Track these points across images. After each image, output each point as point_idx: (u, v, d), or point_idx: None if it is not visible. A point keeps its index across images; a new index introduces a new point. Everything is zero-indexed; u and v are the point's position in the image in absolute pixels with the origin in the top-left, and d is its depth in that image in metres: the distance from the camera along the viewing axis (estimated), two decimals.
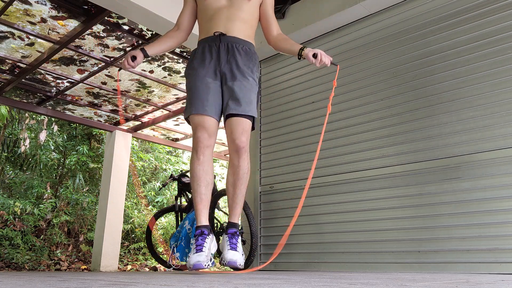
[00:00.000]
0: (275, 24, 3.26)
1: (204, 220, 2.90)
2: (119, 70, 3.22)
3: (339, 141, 4.27)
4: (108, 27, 4.98)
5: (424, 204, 3.61)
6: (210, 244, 2.86)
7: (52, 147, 10.24)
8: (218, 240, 4.98)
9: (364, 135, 4.11)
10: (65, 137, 10.52)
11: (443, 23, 3.82)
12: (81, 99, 7.07)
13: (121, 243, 8.51)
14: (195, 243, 2.81)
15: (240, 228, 3.37)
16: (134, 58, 3.02)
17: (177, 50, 5.51)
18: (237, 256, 2.83)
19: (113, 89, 6.64)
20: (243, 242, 4.66)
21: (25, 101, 7.15)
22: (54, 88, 6.65)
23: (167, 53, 5.56)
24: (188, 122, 3.05)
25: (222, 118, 3.06)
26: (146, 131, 8.73)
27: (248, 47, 3.09)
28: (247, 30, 3.11)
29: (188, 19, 3.26)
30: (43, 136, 9.50)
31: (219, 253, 3.47)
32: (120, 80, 6.25)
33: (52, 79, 6.31)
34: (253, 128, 3.06)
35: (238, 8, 3.08)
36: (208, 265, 2.75)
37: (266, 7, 3.24)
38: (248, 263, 4.16)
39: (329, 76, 4.46)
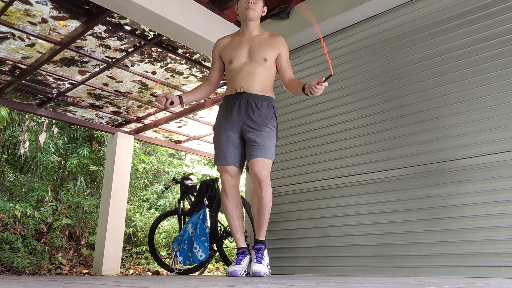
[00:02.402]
0: (289, 72, 3.66)
1: (242, 243, 3.55)
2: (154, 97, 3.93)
3: (344, 143, 4.22)
4: (110, 28, 4.94)
5: (430, 207, 3.55)
6: (247, 261, 3.46)
7: (53, 150, 10.19)
8: (221, 243, 4.95)
9: (370, 137, 4.06)
10: (66, 140, 10.48)
11: (450, 23, 3.76)
12: (83, 101, 7.03)
13: (123, 246, 8.46)
14: (236, 258, 3.45)
15: (244, 231, 3.82)
16: (172, 103, 3.52)
17: (180, 51, 5.47)
18: (261, 267, 3.28)
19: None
20: (247, 245, 4.65)
21: (25, 102, 7.12)
22: (55, 90, 6.61)
23: (169, 54, 5.52)
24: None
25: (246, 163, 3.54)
26: (148, 133, 8.69)
27: (267, 101, 3.51)
28: (265, 83, 3.54)
29: (216, 75, 3.79)
30: (42, 138, 9.46)
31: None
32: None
33: (53, 80, 6.27)
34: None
35: (257, 67, 3.52)
36: (242, 274, 3.34)
37: (281, 60, 3.65)
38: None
39: (333, 78, 4.41)
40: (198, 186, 5.41)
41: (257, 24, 3.69)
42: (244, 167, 3.62)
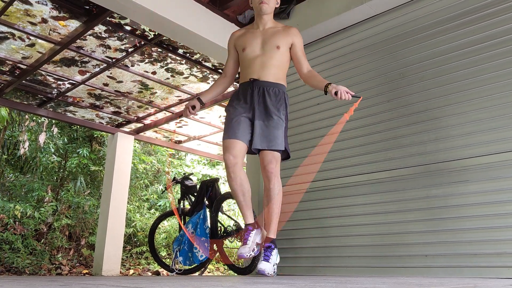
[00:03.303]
0: (305, 63, 3.70)
1: (248, 219, 3.53)
2: (179, 117, 3.86)
3: (345, 143, 4.21)
4: (110, 28, 4.93)
5: (431, 207, 3.56)
6: (254, 236, 3.46)
7: (53, 150, 10.19)
8: (222, 243, 4.94)
9: (371, 137, 4.06)
10: (66, 140, 10.47)
11: (450, 24, 3.77)
12: (83, 101, 7.02)
13: (123, 247, 8.45)
14: (243, 237, 3.45)
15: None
16: (193, 107, 3.72)
17: (180, 51, 5.46)
18: (267, 266, 3.27)
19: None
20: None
21: (25, 102, 7.11)
22: (55, 90, 6.61)
23: (169, 54, 5.51)
24: None
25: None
26: (149, 133, 8.68)
27: (278, 88, 3.56)
28: (278, 73, 3.60)
29: (232, 67, 3.87)
30: (42, 138, 9.46)
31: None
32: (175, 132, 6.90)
33: (53, 80, 6.26)
34: (288, 157, 3.61)
35: (270, 56, 3.59)
36: (251, 254, 3.36)
37: (295, 50, 3.69)
38: (252, 267, 4.12)
39: (335, 77, 4.41)
40: (198, 186, 5.41)
41: (270, 17, 3.76)
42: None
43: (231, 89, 5.67)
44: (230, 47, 3.87)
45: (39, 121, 9.90)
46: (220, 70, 5.92)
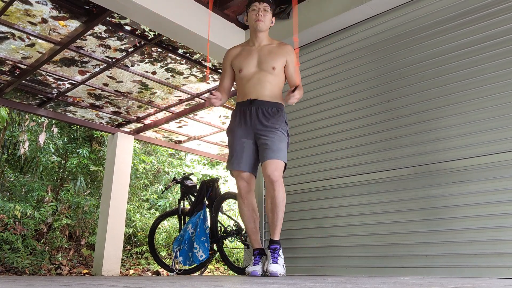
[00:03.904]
0: (293, 80, 3.81)
1: (258, 245, 3.72)
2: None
3: (344, 143, 4.22)
4: (110, 28, 4.93)
5: (431, 207, 3.55)
6: (264, 260, 3.63)
7: (52, 150, 10.19)
8: (222, 243, 4.94)
9: (370, 137, 4.06)
10: (66, 140, 10.47)
11: (450, 24, 3.77)
12: (83, 101, 7.02)
13: (123, 247, 8.45)
14: (253, 259, 3.62)
15: (244, 232, 4.18)
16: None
17: (180, 51, 5.46)
18: (277, 267, 3.39)
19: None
20: (247, 246, 4.67)
21: (25, 102, 7.10)
22: (55, 90, 6.60)
23: (169, 54, 5.51)
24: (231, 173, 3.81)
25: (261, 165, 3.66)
26: (149, 133, 8.68)
27: (277, 108, 3.67)
28: (274, 90, 3.71)
29: (228, 83, 3.94)
30: (42, 138, 9.46)
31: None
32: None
33: (53, 80, 6.26)
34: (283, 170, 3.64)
35: (266, 75, 3.70)
36: (261, 273, 3.53)
37: (288, 68, 3.80)
38: None
39: (335, 77, 4.42)
40: (198, 186, 5.41)
41: (266, 34, 3.87)
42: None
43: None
44: (226, 65, 3.94)
45: (39, 121, 9.89)
46: (220, 70, 5.92)
